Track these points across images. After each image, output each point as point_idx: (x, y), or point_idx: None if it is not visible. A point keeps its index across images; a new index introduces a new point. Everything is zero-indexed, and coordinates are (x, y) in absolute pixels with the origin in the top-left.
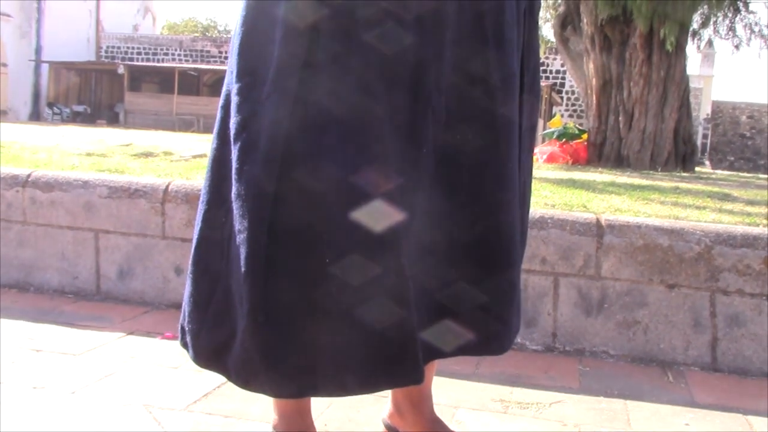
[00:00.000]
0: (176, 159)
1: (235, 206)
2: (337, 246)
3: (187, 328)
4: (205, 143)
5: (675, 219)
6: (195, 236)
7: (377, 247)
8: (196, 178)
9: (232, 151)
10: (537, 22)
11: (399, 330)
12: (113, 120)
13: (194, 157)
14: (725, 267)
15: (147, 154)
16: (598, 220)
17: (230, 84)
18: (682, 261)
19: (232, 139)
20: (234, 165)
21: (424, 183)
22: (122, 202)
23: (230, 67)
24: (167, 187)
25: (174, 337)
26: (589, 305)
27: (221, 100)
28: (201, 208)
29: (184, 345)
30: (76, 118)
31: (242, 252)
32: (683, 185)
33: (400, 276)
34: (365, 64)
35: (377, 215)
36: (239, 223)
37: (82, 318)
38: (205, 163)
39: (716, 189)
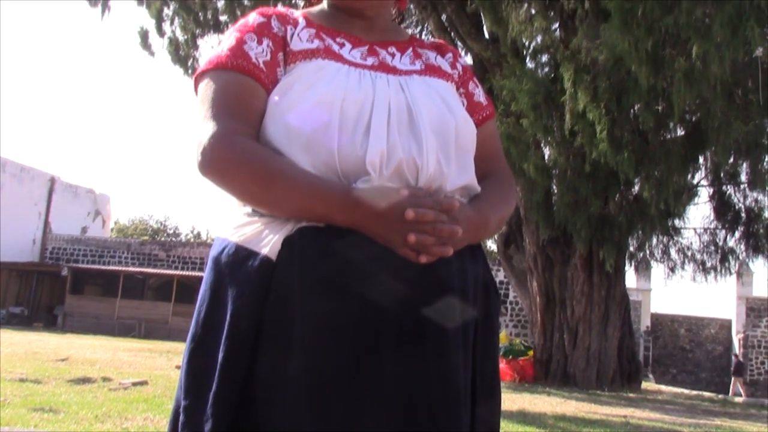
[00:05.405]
0: (115, 387)
1: None
2: None
3: None
4: (146, 355)
5: None
6: None
7: None
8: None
9: None
10: (495, 327)
11: None
12: (51, 323)
13: (134, 384)
14: None
15: (84, 380)
16: None
17: (179, 397)
18: None
19: None
20: None
21: None
22: None
23: (180, 377)
24: None
25: None
26: None
27: (173, 408)
28: None
29: None
30: (11, 320)
31: None
32: (633, 415)
33: None
34: (298, 387)
35: None
36: None
37: None
38: (145, 393)
39: (667, 423)
